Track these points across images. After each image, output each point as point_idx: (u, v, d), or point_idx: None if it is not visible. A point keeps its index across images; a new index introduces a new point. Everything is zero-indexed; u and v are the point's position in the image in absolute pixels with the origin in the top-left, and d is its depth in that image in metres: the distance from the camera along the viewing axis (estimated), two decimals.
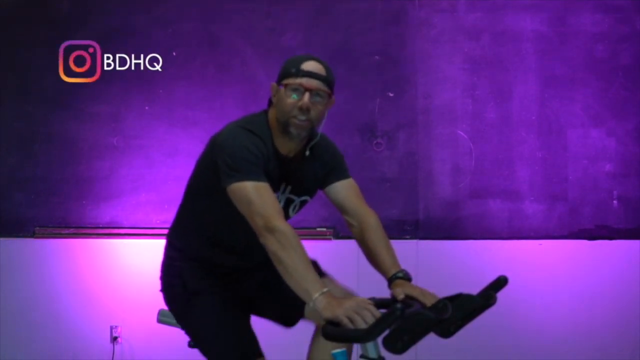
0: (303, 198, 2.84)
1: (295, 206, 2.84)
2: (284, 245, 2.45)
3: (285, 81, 2.66)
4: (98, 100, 4.85)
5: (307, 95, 2.63)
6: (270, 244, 2.47)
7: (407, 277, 2.64)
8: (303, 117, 2.63)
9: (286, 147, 2.72)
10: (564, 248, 4.82)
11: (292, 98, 2.64)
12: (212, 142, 2.73)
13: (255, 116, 2.77)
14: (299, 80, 2.64)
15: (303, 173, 2.79)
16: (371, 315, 2.29)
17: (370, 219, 2.82)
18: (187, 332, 2.86)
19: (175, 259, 2.88)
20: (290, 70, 2.66)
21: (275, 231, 2.46)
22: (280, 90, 2.67)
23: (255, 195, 2.53)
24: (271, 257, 2.49)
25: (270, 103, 2.76)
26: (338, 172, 2.88)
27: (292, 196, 2.80)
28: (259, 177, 2.57)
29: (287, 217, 2.84)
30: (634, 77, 4.91)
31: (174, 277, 2.86)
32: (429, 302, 2.51)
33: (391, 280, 2.63)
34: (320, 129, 2.77)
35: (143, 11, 4.89)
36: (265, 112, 2.77)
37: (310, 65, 2.66)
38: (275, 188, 2.72)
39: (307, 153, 2.77)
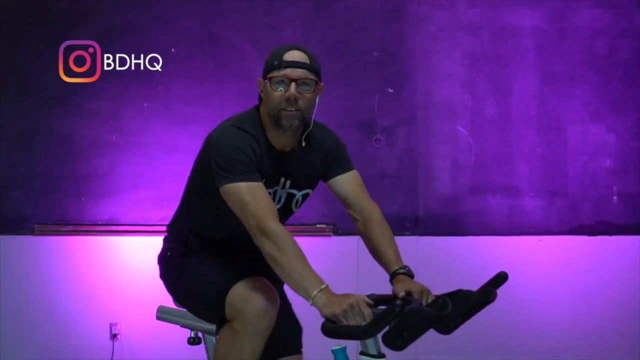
0: (304, 192, 2.82)
1: (297, 201, 2.83)
2: (278, 247, 2.44)
3: (270, 74, 2.64)
4: (97, 98, 4.84)
5: (292, 86, 2.61)
6: (265, 245, 2.46)
7: (409, 274, 2.63)
8: (292, 108, 2.61)
9: (280, 141, 2.70)
10: (563, 244, 4.83)
11: (279, 91, 2.62)
12: (207, 140, 2.72)
13: (247, 113, 2.75)
14: (282, 72, 2.62)
15: (301, 166, 2.77)
16: (363, 318, 2.29)
17: (374, 213, 2.81)
18: (180, 296, 2.82)
19: (175, 247, 2.86)
20: (273, 63, 2.65)
21: (269, 233, 2.45)
22: (267, 85, 2.66)
23: (248, 196, 2.52)
24: (267, 259, 2.48)
25: (260, 99, 2.75)
26: (340, 164, 2.86)
27: (293, 191, 2.79)
28: (252, 177, 2.55)
29: (290, 212, 2.84)
30: (634, 73, 4.91)
31: (173, 249, 2.84)
32: (428, 299, 2.51)
33: (393, 276, 2.63)
34: (315, 118, 2.74)
35: (143, 10, 4.88)
36: (257, 108, 2.75)
37: (292, 55, 2.65)
38: (274, 184, 2.71)
39: (304, 144, 2.75)
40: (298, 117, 2.63)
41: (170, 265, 2.84)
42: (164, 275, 2.89)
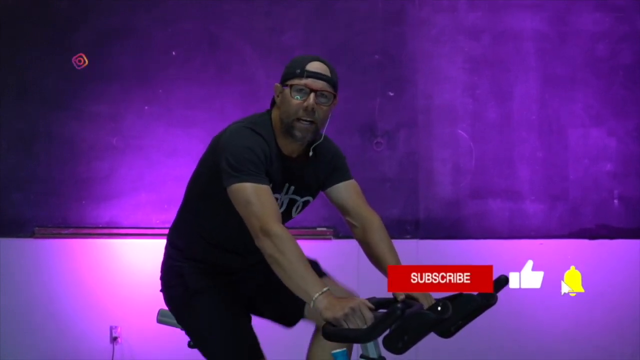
0: (306, 198, 2.83)
1: (298, 207, 2.83)
2: (280, 249, 2.44)
3: (290, 82, 2.64)
4: (98, 101, 4.84)
5: (312, 96, 2.61)
6: (267, 247, 2.46)
7: None
8: (308, 118, 2.62)
9: (289, 147, 2.71)
10: (564, 247, 4.82)
11: (297, 99, 2.62)
12: (214, 142, 2.72)
13: (258, 116, 2.75)
14: (304, 81, 2.62)
15: (306, 173, 2.78)
16: (364, 322, 2.29)
17: (373, 220, 2.81)
18: (187, 333, 2.86)
19: (175, 258, 2.87)
20: (295, 71, 2.65)
21: (271, 235, 2.45)
22: (285, 91, 2.66)
23: (254, 197, 2.52)
24: (268, 261, 2.48)
25: (273, 103, 2.75)
26: (340, 173, 2.87)
27: (295, 197, 2.80)
28: (260, 179, 2.56)
29: (289, 217, 2.84)
30: (635, 77, 4.91)
31: (174, 277, 2.85)
32: (429, 302, 2.51)
33: None
34: (324, 131, 2.75)
35: (143, 11, 4.88)
36: (269, 112, 2.76)
37: (315, 66, 2.65)
38: (278, 188, 2.71)
39: (311, 154, 2.76)
40: (312, 130, 2.65)
41: (174, 301, 2.87)
42: (166, 302, 2.92)
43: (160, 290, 2.92)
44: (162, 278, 2.92)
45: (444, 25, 4.92)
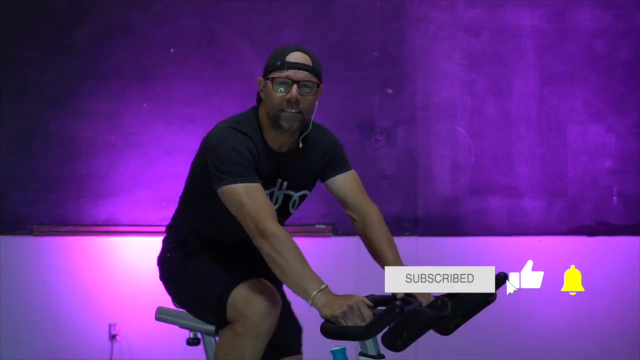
0: (301, 193, 2.81)
1: (294, 202, 2.82)
2: (277, 248, 2.43)
3: (272, 75, 2.63)
4: (96, 98, 4.83)
5: (294, 88, 2.60)
6: (263, 246, 2.46)
7: None
8: (293, 110, 2.60)
9: (278, 142, 2.69)
10: (563, 244, 4.82)
11: (280, 91, 2.60)
12: (203, 143, 2.72)
13: (244, 114, 2.74)
14: (285, 73, 2.61)
15: (298, 167, 2.76)
16: (362, 319, 2.29)
17: (372, 214, 2.80)
18: (180, 297, 2.83)
19: (174, 248, 2.86)
20: (276, 63, 2.63)
21: (267, 234, 2.45)
22: (267, 85, 2.64)
23: (246, 198, 2.51)
24: (266, 260, 2.48)
25: (259, 99, 2.74)
26: (338, 164, 2.84)
27: (290, 192, 2.78)
28: (250, 178, 2.55)
29: (288, 213, 2.83)
30: (634, 73, 4.90)
31: (173, 250, 2.84)
32: (428, 299, 2.51)
33: None
34: (313, 118, 2.73)
35: (142, 9, 4.87)
36: (255, 108, 2.74)
37: (295, 57, 2.63)
38: (270, 185, 2.70)
39: (300, 145, 2.74)
40: (298, 119, 2.63)
41: (170, 266, 2.84)
42: (164, 277, 2.89)
43: (159, 278, 2.89)
44: (159, 263, 2.90)
45: (442, 22, 4.91)
